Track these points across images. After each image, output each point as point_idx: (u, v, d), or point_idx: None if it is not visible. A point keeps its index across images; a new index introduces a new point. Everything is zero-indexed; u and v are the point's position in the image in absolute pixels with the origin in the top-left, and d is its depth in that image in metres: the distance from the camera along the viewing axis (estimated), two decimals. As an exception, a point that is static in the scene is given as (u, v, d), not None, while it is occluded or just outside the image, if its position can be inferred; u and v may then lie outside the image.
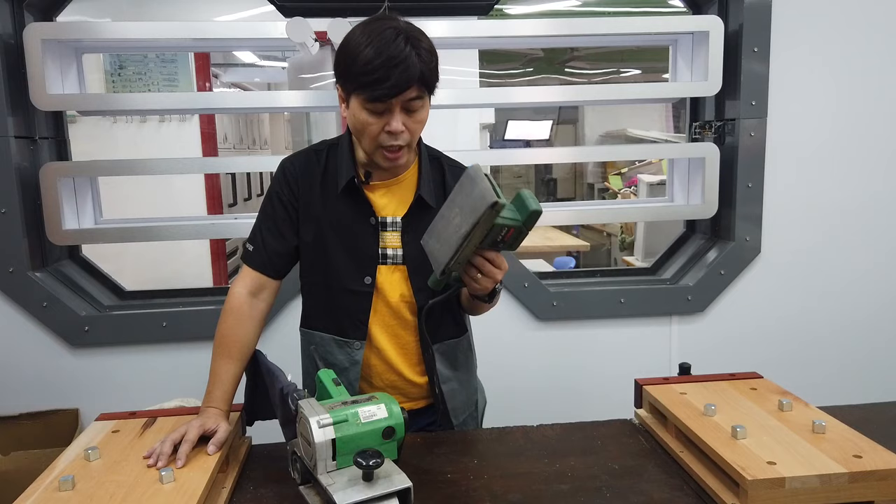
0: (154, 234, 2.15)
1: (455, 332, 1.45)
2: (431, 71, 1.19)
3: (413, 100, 1.20)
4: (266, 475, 1.20)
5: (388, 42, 1.15)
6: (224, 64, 5.28)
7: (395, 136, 1.21)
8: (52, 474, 1.07)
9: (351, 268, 1.35)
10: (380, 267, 1.35)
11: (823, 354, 2.36)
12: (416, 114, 1.22)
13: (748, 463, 1.04)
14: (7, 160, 1.99)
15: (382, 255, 1.35)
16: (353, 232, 1.34)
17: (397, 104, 1.19)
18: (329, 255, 1.35)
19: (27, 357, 2.12)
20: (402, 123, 1.21)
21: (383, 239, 1.35)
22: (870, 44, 2.22)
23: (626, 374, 1.55)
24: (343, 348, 1.38)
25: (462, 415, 1.47)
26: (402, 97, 1.18)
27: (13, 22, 2.03)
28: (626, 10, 5.20)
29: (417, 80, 1.17)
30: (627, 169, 6.31)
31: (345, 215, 1.34)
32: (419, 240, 1.26)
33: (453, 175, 1.37)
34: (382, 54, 1.14)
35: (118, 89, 3.49)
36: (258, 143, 5.93)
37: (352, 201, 1.34)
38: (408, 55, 1.15)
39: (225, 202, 4.41)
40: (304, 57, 2.22)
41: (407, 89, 1.17)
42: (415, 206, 1.34)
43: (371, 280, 1.34)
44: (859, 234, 2.32)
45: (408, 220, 1.34)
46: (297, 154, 1.41)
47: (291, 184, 1.36)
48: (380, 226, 1.34)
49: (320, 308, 1.41)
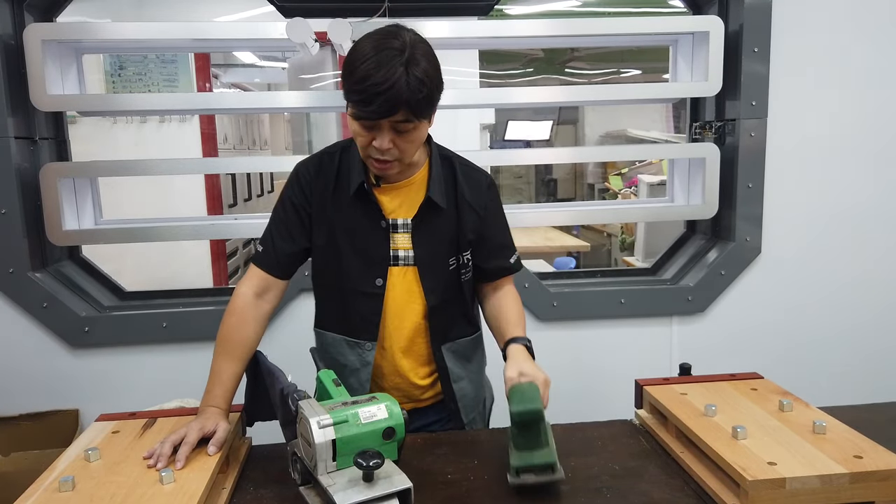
0: (154, 234, 2.15)
1: (468, 331, 1.47)
2: (419, 101, 1.16)
3: (401, 122, 1.18)
4: (266, 476, 1.20)
5: (382, 64, 1.13)
6: (224, 64, 5.28)
7: (381, 152, 1.22)
8: (53, 475, 1.07)
9: (362, 270, 1.35)
10: (391, 269, 1.36)
11: (824, 354, 2.36)
12: (406, 134, 1.21)
13: (749, 463, 1.04)
14: (7, 161, 1.99)
15: (394, 256, 1.36)
16: (365, 235, 1.35)
17: (385, 124, 1.19)
18: (341, 258, 1.36)
19: (27, 357, 2.12)
20: (391, 141, 1.20)
21: (394, 241, 1.35)
22: (870, 44, 2.21)
23: (627, 374, 1.55)
24: (354, 349, 1.39)
25: (472, 413, 1.49)
26: (389, 119, 1.18)
27: (13, 22, 2.03)
28: (626, 11, 5.20)
29: (404, 107, 1.15)
30: (628, 169, 6.30)
31: (356, 218, 1.35)
32: (429, 241, 1.31)
33: (465, 175, 1.39)
34: (372, 77, 1.13)
35: (118, 90, 3.48)
36: (258, 144, 5.92)
37: (363, 204, 1.34)
38: (396, 82, 1.13)
39: (225, 203, 4.40)
40: (305, 57, 2.22)
41: (390, 115, 1.16)
42: (424, 207, 1.34)
43: (382, 282, 1.35)
44: (859, 234, 2.32)
45: (418, 221, 1.35)
46: (310, 158, 1.42)
47: (304, 187, 1.37)
48: (391, 228, 1.35)
49: (332, 310, 1.43)
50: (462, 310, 1.44)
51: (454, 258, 1.38)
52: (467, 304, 1.44)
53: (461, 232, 1.37)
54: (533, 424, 1.10)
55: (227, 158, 3.79)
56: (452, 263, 1.38)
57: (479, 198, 1.39)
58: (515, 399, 1.12)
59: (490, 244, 1.41)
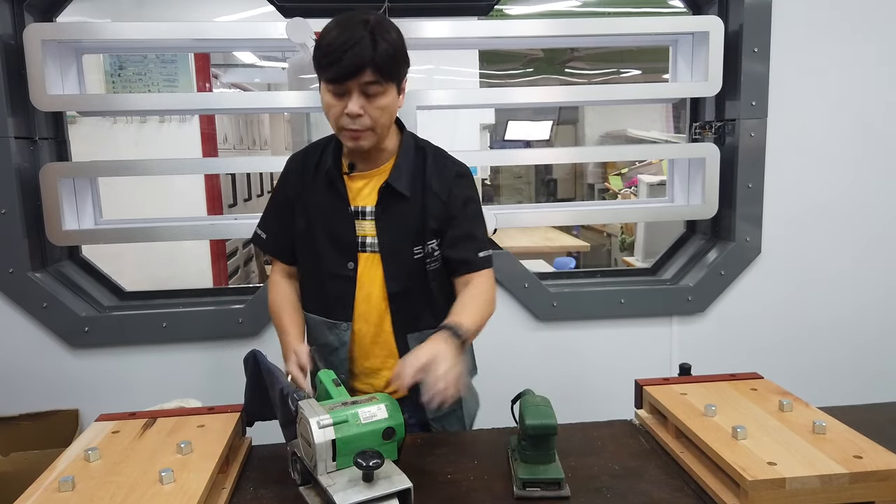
0: (154, 234, 2.15)
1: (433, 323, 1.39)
2: (386, 58, 1.22)
3: (370, 84, 1.23)
4: (266, 476, 1.20)
5: (349, 28, 1.21)
6: (224, 64, 5.28)
7: (353, 120, 1.26)
8: (52, 475, 1.07)
9: (334, 254, 1.40)
10: (360, 255, 1.40)
11: (824, 354, 2.36)
12: (375, 99, 1.25)
13: (748, 463, 1.04)
14: (7, 161, 1.99)
15: (361, 242, 1.39)
16: (335, 220, 1.40)
17: (354, 87, 1.24)
18: (316, 242, 1.41)
19: (27, 357, 2.12)
20: (362, 108, 1.25)
21: (361, 227, 1.39)
22: (869, 44, 2.21)
23: (627, 374, 1.55)
24: (332, 330, 1.43)
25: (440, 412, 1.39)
26: (358, 80, 1.22)
27: (13, 22, 2.03)
28: (626, 11, 5.20)
29: (371, 65, 1.21)
30: (628, 169, 6.30)
31: (328, 204, 1.40)
32: (392, 228, 1.35)
33: (436, 163, 1.40)
34: (339, 38, 1.21)
35: (118, 90, 3.48)
36: (258, 144, 5.92)
37: (334, 190, 1.39)
38: (361, 39, 1.20)
39: (225, 203, 4.40)
40: (304, 57, 2.22)
41: (359, 73, 1.21)
42: (384, 194, 1.37)
43: (353, 266, 1.39)
44: (859, 234, 2.32)
45: (379, 208, 1.37)
46: (302, 149, 1.50)
47: (290, 177, 1.46)
48: (357, 214, 1.39)
49: (312, 292, 1.48)
50: (427, 299, 1.43)
51: (419, 247, 1.39)
52: (433, 294, 1.42)
53: (425, 220, 1.38)
54: (545, 439, 1.11)
55: (227, 158, 3.79)
56: (418, 252, 1.39)
57: (444, 185, 1.39)
58: (530, 413, 1.12)
59: (454, 233, 1.39)
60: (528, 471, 1.11)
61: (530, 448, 1.12)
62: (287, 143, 6.22)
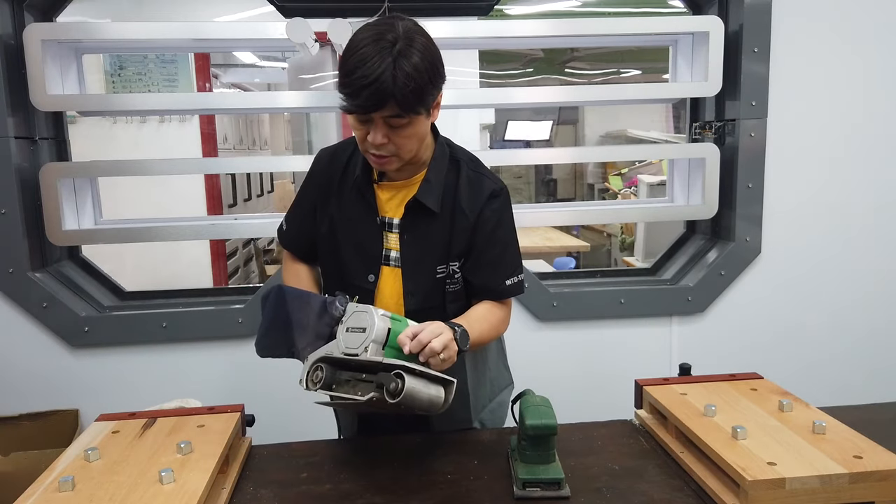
0: (154, 234, 2.15)
1: None
2: (407, 95, 1.12)
3: (393, 117, 1.16)
4: (266, 476, 1.20)
5: (371, 57, 1.11)
6: (224, 64, 5.28)
7: (378, 147, 1.20)
8: (52, 475, 1.07)
9: (358, 264, 1.35)
10: (383, 267, 1.34)
11: (823, 355, 2.36)
12: (400, 130, 1.18)
13: (748, 463, 1.04)
14: (7, 161, 1.99)
15: (386, 255, 1.34)
16: (362, 229, 1.35)
17: (378, 118, 1.16)
18: (340, 250, 1.37)
19: (27, 357, 2.12)
20: (385, 136, 1.18)
21: (387, 239, 1.34)
22: (869, 44, 2.22)
23: (627, 374, 1.56)
24: None
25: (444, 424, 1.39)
26: (380, 114, 1.15)
27: (13, 22, 2.03)
28: (626, 11, 5.20)
29: (392, 100, 1.12)
30: (628, 169, 6.30)
31: (355, 212, 1.35)
32: (417, 244, 1.29)
33: (469, 180, 1.34)
34: (358, 70, 1.11)
35: (118, 90, 3.49)
36: (258, 144, 5.92)
37: (363, 198, 1.34)
38: (381, 75, 1.10)
39: (225, 203, 4.41)
40: (304, 57, 2.22)
41: (378, 109, 1.14)
42: (411, 209, 1.31)
43: (374, 279, 1.34)
44: (859, 234, 2.32)
45: (406, 223, 1.32)
46: (330, 146, 1.45)
47: (315, 178, 1.41)
48: (385, 226, 1.34)
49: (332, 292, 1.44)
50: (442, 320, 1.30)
51: (443, 266, 1.33)
52: (448, 317, 1.31)
53: (451, 239, 1.32)
54: (545, 439, 1.11)
55: (227, 158, 3.79)
56: (441, 272, 1.33)
57: (474, 203, 1.32)
58: (530, 413, 1.12)
59: (480, 258, 1.33)
60: (528, 471, 1.11)
61: (530, 448, 1.12)
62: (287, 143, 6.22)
